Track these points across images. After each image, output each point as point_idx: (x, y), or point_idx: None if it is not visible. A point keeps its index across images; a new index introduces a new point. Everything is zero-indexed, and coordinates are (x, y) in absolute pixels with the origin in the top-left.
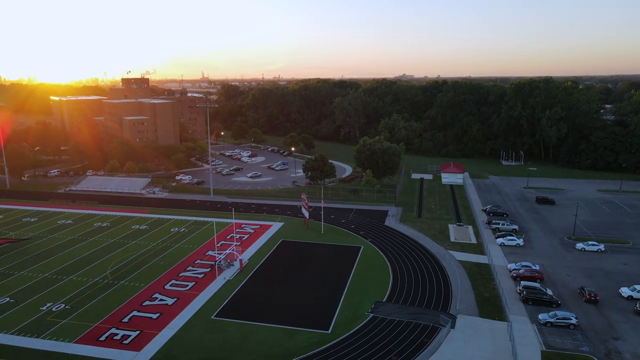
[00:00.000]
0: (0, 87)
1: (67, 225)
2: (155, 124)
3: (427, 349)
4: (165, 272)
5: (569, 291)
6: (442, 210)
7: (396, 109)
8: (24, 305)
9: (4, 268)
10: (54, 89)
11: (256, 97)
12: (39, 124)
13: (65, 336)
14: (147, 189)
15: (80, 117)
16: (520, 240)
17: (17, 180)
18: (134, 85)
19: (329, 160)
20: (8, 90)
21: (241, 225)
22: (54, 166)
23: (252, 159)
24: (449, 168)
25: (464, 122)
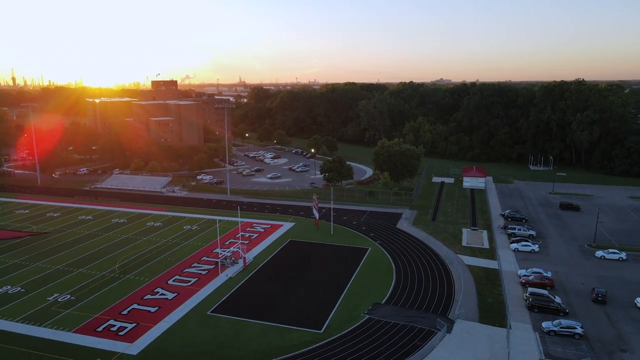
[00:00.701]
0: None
1: (87, 220)
2: (179, 124)
3: (418, 352)
4: (171, 268)
5: (581, 300)
6: (458, 214)
7: (422, 112)
8: (32, 294)
9: (20, 259)
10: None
11: (284, 99)
12: (73, 124)
13: (65, 325)
14: (167, 188)
15: (111, 118)
16: (535, 246)
17: (48, 178)
18: (163, 88)
19: (348, 163)
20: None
21: (252, 224)
22: (83, 165)
23: (275, 160)
24: (471, 172)
25: (491, 126)
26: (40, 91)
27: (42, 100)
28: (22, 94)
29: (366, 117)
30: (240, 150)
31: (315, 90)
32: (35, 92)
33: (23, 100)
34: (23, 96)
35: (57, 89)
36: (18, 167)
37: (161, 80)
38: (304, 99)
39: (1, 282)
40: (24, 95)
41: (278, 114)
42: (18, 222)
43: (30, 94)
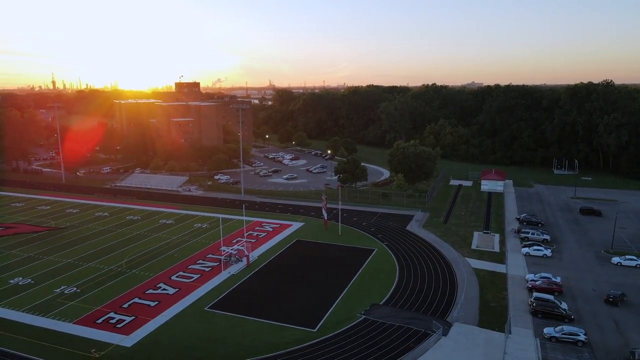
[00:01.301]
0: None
1: (103, 217)
2: (199, 125)
3: (410, 354)
4: (176, 264)
5: (590, 306)
6: (472, 217)
7: (444, 114)
8: (41, 286)
9: (35, 253)
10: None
11: (306, 102)
12: (100, 125)
13: (67, 317)
14: (184, 187)
15: (135, 119)
16: (547, 250)
17: (73, 176)
18: (186, 89)
19: (365, 164)
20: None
21: (262, 223)
22: (108, 164)
23: (294, 161)
24: (490, 175)
25: (514, 128)
26: (75, 94)
27: (76, 102)
28: (59, 96)
29: (387, 119)
30: (261, 151)
31: (337, 93)
32: (71, 95)
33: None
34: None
35: (91, 91)
36: (46, 166)
37: (184, 82)
38: (327, 101)
39: (14, 274)
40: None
41: (300, 116)
42: (38, 218)
43: (67, 96)
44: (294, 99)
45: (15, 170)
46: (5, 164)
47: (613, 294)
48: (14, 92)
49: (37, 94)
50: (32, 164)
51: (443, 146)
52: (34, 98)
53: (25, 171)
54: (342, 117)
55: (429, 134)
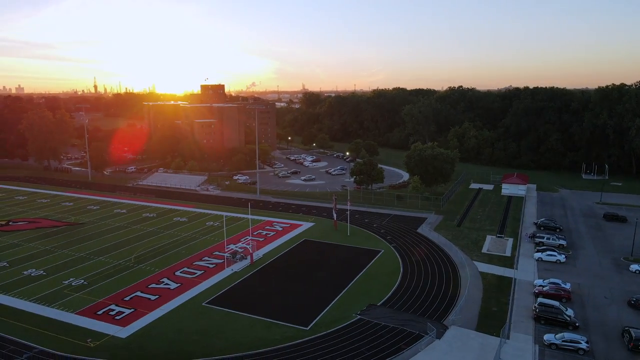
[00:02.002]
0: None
1: (121, 214)
2: (221, 126)
3: (400, 355)
4: (182, 260)
5: (599, 315)
6: (487, 221)
7: (469, 117)
8: (51, 278)
9: (51, 246)
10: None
11: (332, 104)
12: (128, 126)
13: (70, 307)
14: (202, 186)
15: (162, 120)
16: (561, 256)
17: (99, 174)
18: (211, 91)
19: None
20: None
21: (272, 223)
22: (133, 163)
23: (315, 163)
24: (511, 178)
25: (541, 132)
26: (112, 97)
27: (113, 105)
28: (98, 100)
29: (411, 122)
30: (284, 153)
31: (363, 96)
32: (109, 99)
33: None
34: (98, 102)
35: (127, 95)
36: (77, 165)
37: (209, 85)
38: (352, 104)
39: (28, 265)
40: (99, 101)
41: (326, 118)
42: (60, 213)
43: (105, 100)
44: (320, 101)
45: (46, 168)
46: (37, 163)
47: (637, 298)
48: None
49: (79, 97)
50: (62, 162)
51: (467, 149)
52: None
53: (56, 169)
54: (367, 120)
55: (452, 137)
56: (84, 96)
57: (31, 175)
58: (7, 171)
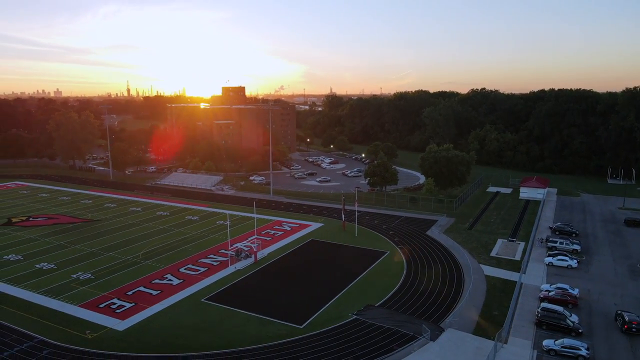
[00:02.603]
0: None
1: (136, 212)
2: (240, 127)
3: (392, 356)
4: (188, 257)
5: (605, 321)
6: (501, 225)
7: (490, 120)
8: (60, 271)
9: (65, 241)
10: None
11: (353, 107)
12: (152, 127)
13: (75, 300)
14: (217, 186)
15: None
16: (573, 261)
17: (121, 174)
18: (231, 93)
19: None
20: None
21: (282, 222)
22: (154, 163)
23: (332, 165)
24: (530, 182)
25: (564, 135)
26: (142, 100)
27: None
28: (129, 102)
29: (431, 124)
30: (303, 155)
31: (384, 98)
32: (139, 102)
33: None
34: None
35: (155, 98)
36: (101, 165)
37: (230, 87)
38: (373, 106)
39: (41, 259)
40: (129, 104)
41: (348, 121)
42: (79, 210)
43: (136, 103)
44: (342, 104)
45: (72, 167)
46: (63, 162)
47: None
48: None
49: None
50: (87, 162)
51: (488, 152)
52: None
53: (80, 169)
54: (388, 123)
55: (473, 140)
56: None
57: (57, 174)
58: (35, 170)
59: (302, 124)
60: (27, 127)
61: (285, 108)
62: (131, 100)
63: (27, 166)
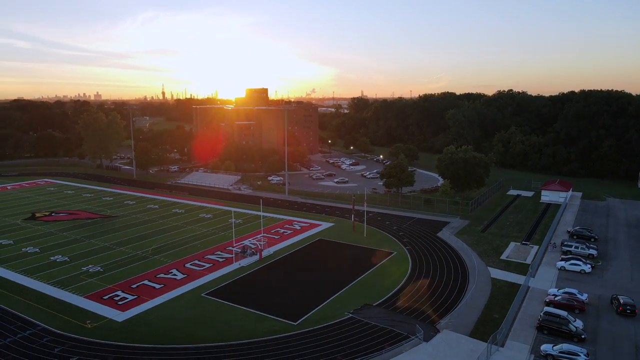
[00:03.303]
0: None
1: (153, 209)
2: (260, 128)
3: (381, 355)
4: (195, 254)
5: (613, 328)
6: (516, 228)
7: (517, 122)
8: (72, 264)
9: (82, 235)
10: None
11: (378, 109)
12: (177, 128)
13: (81, 291)
14: (234, 186)
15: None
16: (586, 266)
17: (144, 173)
18: (255, 95)
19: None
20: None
21: (292, 222)
22: (178, 163)
23: (352, 167)
24: (552, 185)
25: (593, 137)
26: (174, 103)
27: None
28: (162, 105)
29: (454, 126)
30: (324, 156)
31: (409, 100)
32: (171, 104)
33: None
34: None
35: (186, 100)
36: (126, 164)
37: (253, 89)
38: (397, 108)
39: (56, 252)
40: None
41: (372, 123)
42: (99, 206)
43: (168, 105)
44: (367, 106)
45: (98, 166)
46: (91, 161)
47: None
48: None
49: (146, 103)
50: (113, 161)
51: (512, 155)
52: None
53: (107, 167)
54: (413, 125)
55: (497, 142)
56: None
57: (84, 172)
58: (65, 168)
59: (327, 126)
60: (62, 128)
61: (308, 110)
62: (165, 103)
63: (58, 164)
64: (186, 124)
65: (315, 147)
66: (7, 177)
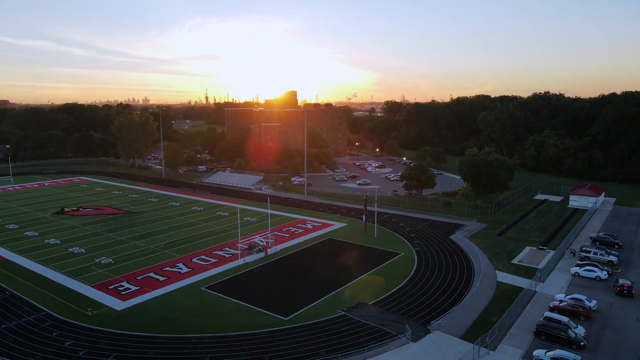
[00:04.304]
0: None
1: (174, 206)
2: (286, 130)
3: (363, 353)
4: (204, 249)
5: (617, 338)
6: (535, 232)
7: (552, 125)
8: (87, 255)
9: (101, 229)
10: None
11: (410, 112)
12: (208, 130)
13: (90, 280)
14: (256, 185)
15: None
16: (602, 272)
17: (173, 172)
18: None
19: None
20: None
21: (305, 221)
22: (206, 163)
23: (378, 169)
24: (581, 190)
25: (632, 140)
26: (213, 107)
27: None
28: (204, 109)
29: (486, 129)
30: (353, 158)
31: (441, 103)
32: (211, 108)
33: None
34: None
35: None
36: (157, 164)
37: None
38: (429, 111)
39: (75, 244)
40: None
41: (403, 126)
42: (124, 203)
43: (207, 109)
44: (400, 110)
45: (131, 165)
46: (125, 161)
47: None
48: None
49: (189, 107)
50: (145, 161)
51: (545, 159)
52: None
53: (139, 167)
54: (445, 128)
55: (530, 146)
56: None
57: (116, 171)
58: (100, 167)
59: (360, 129)
60: (103, 129)
61: (336, 112)
62: (206, 107)
63: (95, 164)
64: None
65: (344, 149)
66: (46, 174)
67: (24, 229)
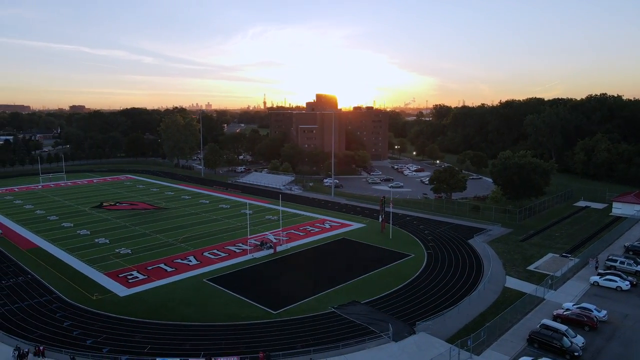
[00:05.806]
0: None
1: (203, 204)
2: (322, 132)
3: (338, 350)
4: (217, 244)
5: (622, 351)
6: (564, 239)
7: (606, 128)
8: (110, 245)
9: (130, 223)
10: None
11: (456, 116)
12: (252, 132)
13: (104, 268)
14: (286, 186)
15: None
16: (624, 282)
17: (212, 172)
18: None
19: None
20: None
21: (324, 221)
22: (244, 164)
23: (416, 173)
24: (627, 197)
25: None
26: (266, 111)
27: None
28: (257, 113)
29: (534, 133)
30: (393, 162)
31: (489, 107)
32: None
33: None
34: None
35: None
36: (200, 164)
37: (323, 95)
38: (476, 115)
39: (101, 235)
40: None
41: (450, 130)
42: (158, 199)
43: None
44: (448, 114)
45: (176, 165)
46: (170, 161)
47: None
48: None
49: (245, 112)
50: (188, 161)
51: (596, 165)
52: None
53: (182, 167)
54: (492, 132)
55: (579, 150)
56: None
57: (160, 170)
58: (147, 166)
59: (407, 133)
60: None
61: (377, 115)
62: (261, 112)
63: (144, 163)
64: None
65: (385, 152)
66: (98, 172)
67: (62, 220)
